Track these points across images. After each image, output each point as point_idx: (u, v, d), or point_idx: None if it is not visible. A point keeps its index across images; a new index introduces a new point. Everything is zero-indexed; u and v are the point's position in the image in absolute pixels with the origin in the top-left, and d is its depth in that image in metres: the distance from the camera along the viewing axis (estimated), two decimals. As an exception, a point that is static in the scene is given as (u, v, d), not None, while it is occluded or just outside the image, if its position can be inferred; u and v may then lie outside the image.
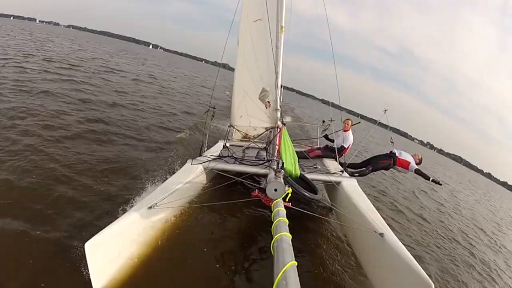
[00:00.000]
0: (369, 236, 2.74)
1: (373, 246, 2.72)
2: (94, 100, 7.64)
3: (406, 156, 5.12)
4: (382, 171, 5.91)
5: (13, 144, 4.01)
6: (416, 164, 5.08)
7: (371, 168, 5.21)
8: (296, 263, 1.48)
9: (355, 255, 3.11)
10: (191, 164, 3.69)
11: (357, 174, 5.05)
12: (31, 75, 8.65)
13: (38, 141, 4.26)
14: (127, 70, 17.07)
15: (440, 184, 4.85)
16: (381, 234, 2.62)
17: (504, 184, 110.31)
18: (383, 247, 2.56)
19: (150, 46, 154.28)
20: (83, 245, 1.91)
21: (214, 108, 4.50)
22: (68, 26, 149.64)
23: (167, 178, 3.44)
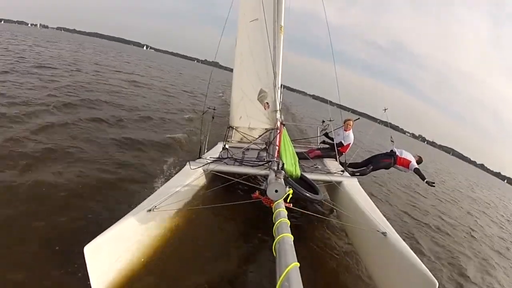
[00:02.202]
0: (372, 235, 2.71)
1: (376, 245, 2.70)
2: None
3: (406, 155, 5.13)
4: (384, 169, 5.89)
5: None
6: (417, 163, 5.08)
7: (372, 167, 5.20)
8: (298, 264, 1.46)
9: (358, 255, 3.09)
10: (190, 167, 3.67)
11: (358, 174, 5.03)
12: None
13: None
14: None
15: (434, 186, 4.85)
16: (384, 233, 2.60)
17: (497, 174, 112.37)
18: (386, 246, 2.53)
19: (144, 47, 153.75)
20: (82, 249, 1.89)
21: (214, 109, 4.47)
22: (59, 29, 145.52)
23: (166, 181, 3.41)
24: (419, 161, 5.21)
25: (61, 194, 3.27)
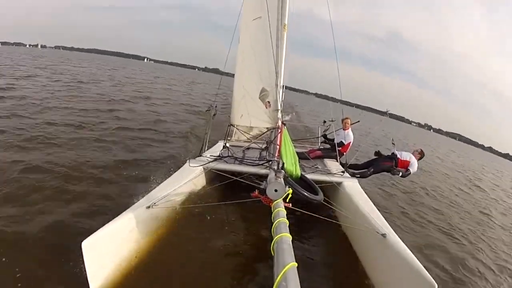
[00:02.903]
0: (371, 236, 2.70)
1: (375, 247, 2.68)
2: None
3: (406, 156, 5.11)
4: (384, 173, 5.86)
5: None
6: (418, 159, 5.09)
7: (372, 169, 5.17)
8: (296, 264, 1.45)
9: (356, 256, 3.07)
10: (190, 165, 3.66)
11: (358, 175, 5.02)
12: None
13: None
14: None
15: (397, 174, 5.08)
16: (383, 235, 2.59)
17: (506, 156, 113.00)
18: (386, 248, 2.52)
19: (145, 60, 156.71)
20: (80, 244, 1.89)
21: (216, 107, 4.45)
22: (57, 47, 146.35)
23: (166, 178, 3.40)
24: (420, 157, 5.19)
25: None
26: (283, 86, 4.46)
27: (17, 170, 3.87)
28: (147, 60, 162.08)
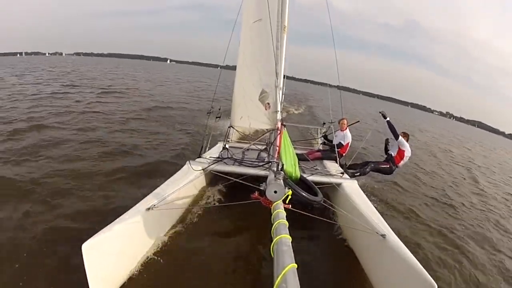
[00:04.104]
0: (371, 237, 2.71)
1: (375, 247, 2.69)
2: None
3: (397, 148, 5.12)
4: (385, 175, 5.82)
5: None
6: (406, 141, 5.11)
7: (372, 165, 5.20)
8: (296, 265, 1.45)
9: (356, 257, 3.07)
10: (190, 166, 3.67)
11: (358, 174, 5.03)
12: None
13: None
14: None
15: (385, 118, 5.05)
16: (383, 236, 2.60)
17: None
18: (385, 249, 2.53)
19: (168, 61, 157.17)
20: (81, 247, 1.89)
21: (219, 109, 4.47)
22: (78, 54, 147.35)
23: (166, 180, 3.41)
24: (407, 139, 5.20)
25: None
26: (283, 86, 4.47)
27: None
28: (169, 61, 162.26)
